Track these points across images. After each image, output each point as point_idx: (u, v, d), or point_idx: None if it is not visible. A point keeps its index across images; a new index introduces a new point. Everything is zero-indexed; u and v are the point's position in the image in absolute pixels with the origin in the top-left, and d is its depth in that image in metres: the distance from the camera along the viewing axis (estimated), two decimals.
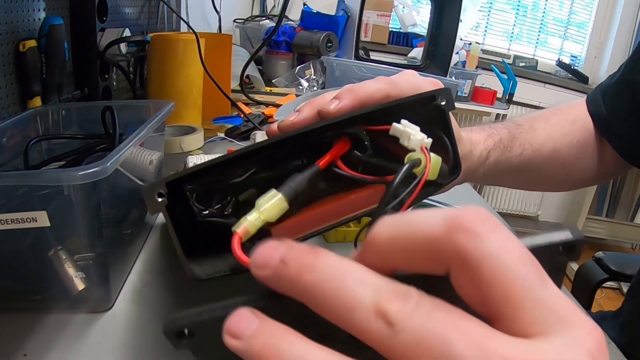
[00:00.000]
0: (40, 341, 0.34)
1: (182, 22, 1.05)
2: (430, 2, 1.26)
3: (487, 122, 0.51)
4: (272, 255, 0.17)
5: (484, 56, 2.59)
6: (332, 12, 1.40)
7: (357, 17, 1.23)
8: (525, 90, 2.63)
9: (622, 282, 2.14)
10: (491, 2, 2.78)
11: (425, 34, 1.35)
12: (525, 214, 2.88)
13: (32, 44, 0.60)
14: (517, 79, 2.38)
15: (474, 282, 0.15)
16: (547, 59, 2.84)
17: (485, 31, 2.83)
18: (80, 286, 0.35)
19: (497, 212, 0.64)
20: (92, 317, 0.37)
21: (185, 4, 1.22)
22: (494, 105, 2.35)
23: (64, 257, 0.35)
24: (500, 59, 2.61)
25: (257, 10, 1.85)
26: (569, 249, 0.19)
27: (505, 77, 2.36)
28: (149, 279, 0.43)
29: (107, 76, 0.80)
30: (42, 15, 0.64)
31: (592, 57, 2.82)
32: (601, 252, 1.51)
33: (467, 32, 2.62)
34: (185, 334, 0.17)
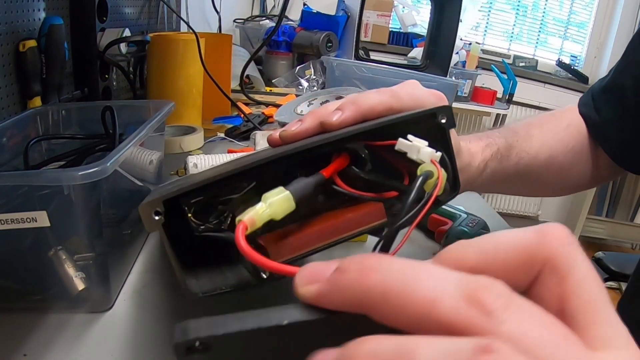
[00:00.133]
0: (40, 341, 0.34)
1: (182, 22, 1.05)
2: (430, 2, 1.26)
3: (485, 130, 0.51)
4: (322, 268, 0.16)
5: (484, 56, 2.59)
6: (332, 12, 1.40)
7: (357, 17, 1.23)
8: (525, 90, 2.63)
9: (622, 282, 2.15)
10: (491, 2, 2.78)
11: (425, 34, 1.35)
12: (525, 214, 2.89)
13: (32, 44, 0.60)
14: (517, 79, 2.38)
15: (559, 290, 0.15)
16: (547, 59, 2.84)
17: (485, 31, 2.83)
18: (80, 286, 0.35)
19: (497, 212, 0.64)
20: (92, 317, 0.37)
21: (185, 4, 1.22)
22: (494, 105, 2.35)
23: (64, 257, 0.35)
24: (500, 59, 2.61)
25: (257, 10, 1.85)
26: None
27: (505, 77, 2.36)
28: (149, 279, 0.43)
29: (107, 76, 0.80)
30: (42, 15, 0.64)
31: (592, 57, 2.82)
32: (601, 252, 1.51)
33: (467, 32, 2.62)
34: (196, 347, 0.14)
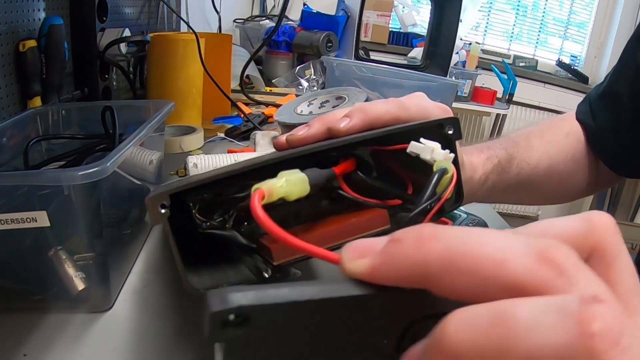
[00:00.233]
0: (40, 341, 0.34)
1: (182, 22, 1.05)
2: (430, 2, 1.26)
3: (484, 132, 0.51)
4: (371, 242, 0.16)
5: (484, 56, 2.59)
6: (332, 12, 1.40)
7: (357, 17, 1.23)
8: (525, 90, 2.63)
9: None
10: (491, 2, 2.78)
11: (425, 34, 1.35)
12: (525, 214, 2.89)
13: (32, 44, 0.60)
14: (517, 79, 2.38)
15: (604, 277, 0.15)
16: (547, 59, 2.84)
17: (485, 31, 2.84)
18: (80, 286, 0.35)
19: (497, 212, 0.64)
20: (92, 317, 0.37)
21: (185, 4, 1.22)
22: (494, 105, 2.35)
23: (64, 257, 0.35)
24: (500, 59, 2.61)
25: (257, 10, 1.85)
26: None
27: (505, 77, 2.37)
28: (149, 279, 0.43)
29: (107, 76, 0.80)
30: (42, 15, 0.64)
31: (592, 57, 2.82)
32: None
33: (467, 32, 2.62)
34: (232, 320, 0.13)
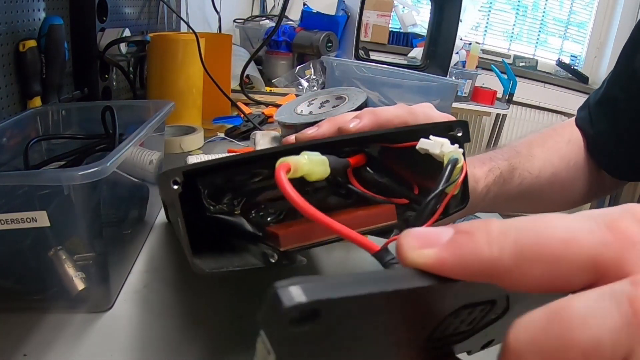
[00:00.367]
0: (40, 341, 0.34)
1: (182, 22, 1.05)
2: (430, 2, 1.26)
3: (487, 152, 0.51)
4: (435, 231, 0.15)
5: (484, 56, 2.59)
6: (332, 12, 1.40)
7: (357, 17, 1.23)
8: (525, 90, 2.63)
9: None
10: (491, 2, 2.78)
11: (425, 34, 1.35)
12: (525, 215, 2.89)
13: (32, 44, 0.60)
14: (517, 79, 2.38)
15: None
16: (547, 59, 2.84)
17: (485, 31, 2.84)
18: (80, 286, 0.35)
19: (497, 213, 0.64)
20: (92, 317, 0.37)
21: (185, 4, 1.22)
22: (494, 105, 2.36)
23: (64, 257, 0.35)
24: (500, 59, 2.61)
25: (257, 10, 1.85)
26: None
27: (505, 77, 2.37)
28: (149, 279, 0.43)
29: (107, 76, 0.80)
30: (42, 15, 0.64)
31: (592, 57, 2.82)
32: None
33: (467, 32, 2.63)
34: (299, 315, 0.12)
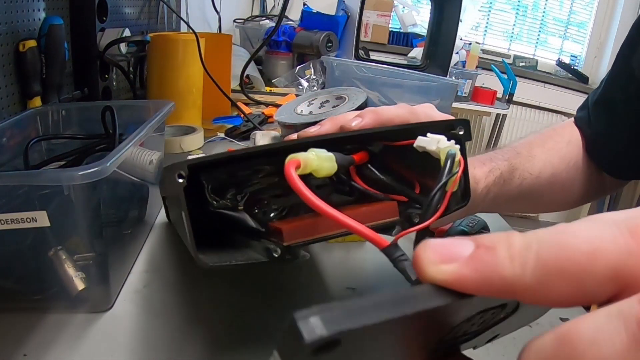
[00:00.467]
0: (40, 341, 0.34)
1: (182, 22, 1.05)
2: (430, 2, 1.26)
3: (487, 152, 0.51)
4: (455, 244, 0.15)
5: (484, 56, 2.59)
6: (332, 12, 1.40)
7: (357, 17, 1.23)
8: (525, 90, 2.63)
9: None
10: (491, 2, 2.78)
11: (425, 34, 1.35)
12: (525, 214, 2.89)
13: (32, 44, 0.60)
14: (517, 79, 2.38)
15: None
16: (547, 59, 2.84)
17: (485, 31, 2.84)
18: (80, 286, 0.35)
19: (497, 212, 0.64)
20: (92, 317, 0.37)
21: (185, 4, 1.22)
22: (494, 105, 2.35)
23: (64, 257, 0.35)
24: (500, 59, 2.61)
25: (257, 10, 1.85)
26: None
27: (505, 77, 2.37)
28: (149, 279, 0.43)
29: (107, 76, 0.80)
30: (42, 15, 0.64)
31: (592, 57, 2.82)
32: None
33: (467, 32, 2.62)
34: (321, 346, 0.12)
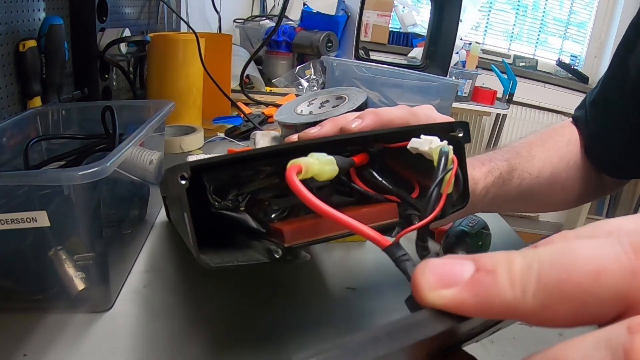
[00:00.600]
0: (40, 341, 0.34)
1: (182, 22, 1.05)
2: (430, 2, 1.26)
3: (487, 152, 0.51)
4: (454, 267, 0.14)
5: (484, 56, 2.59)
6: (332, 12, 1.40)
7: (357, 17, 1.23)
8: (525, 90, 2.63)
9: None
10: (491, 2, 2.78)
11: (425, 34, 1.35)
12: (525, 214, 2.89)
13: (32, 44, 0.60)
14: (517, 79, 2.38)
15: None
16: (547, 59, 2.84)
17: (485, 31, 2.83)
18: (80, 286, 0.35)
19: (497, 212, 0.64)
20: (92, 317, 0.37)
21: (185, 4, 1.22)
22: (494, 105, 2.35)
23: (64, 257, 0.35)
24: (500, 59, 2.61)
25: (257, 10, 1.85)
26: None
27: (505, 77, 2.36)
28: (149, 279, 0.43)
29: (107, 76, 0.80)
30: (42, 15, 0.64)
31: (592, 57, 2.82)
32: None
33: (467, 32, 2.62)
34: None
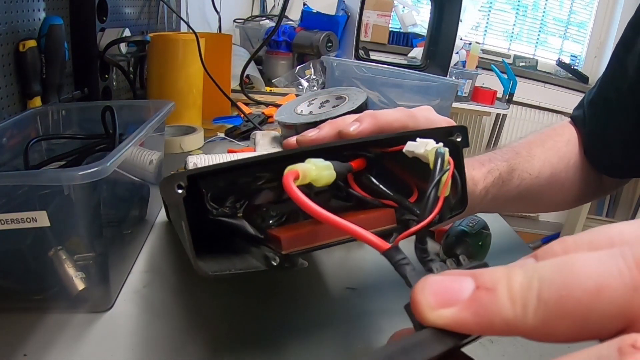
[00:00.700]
0: (40, 341, 0.34)
1: (182, 22, 1.05)
2: (430, 2, 1.26)
3: (486, 153, 0.51)
4: (453, 285, 0.14)
5: (484, 56, 2.59)
6: (332, 12, 1.40)
7: (357, 17, 1.23)
8: (525, 90, 2.63)
9: None
10: (491, 2, 2.78)
11: (425, 33, 1.35)
12: (525, 214, 2.89)
13: (32, 44, 0.60)
14: (517, 79, 2.38)
15: None
16: (547, 59, 2.84)
17: (485, 31, 2.83)
18: (80, 286, 0.35)
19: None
20: (92, 317, 0.37)
21: (185, 4, 1.22)
22: (494, 105, 2.35)
23: (64, 257, 0.35)
24: (500, 59, 2.61)
25: (257, 10, 1.85)
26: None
27: (505, 76, 2.36)
28: (149, 279, 0.43)
29: (107, 76, 0.80)
30: (42, 15, 0.64)
31: (592, 57, 2.82)
32: None
33: (467, 32, 2.62)
34: None
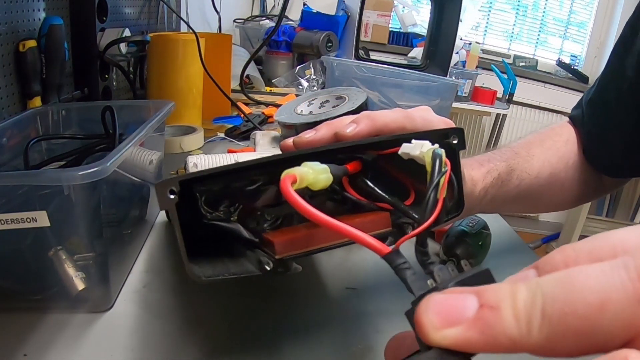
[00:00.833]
0: (40, 341, 0.34)
1: (182, 22, 1.05)
2: (430, 2, 1.26)
3: (485, 153, 0.50)
4: (457, 303, 0.14)
5: (484, 56, 2.59)
6: (332, 12, 1.40)
7: (357, 17, 1.23)
8: (525, 90, 2.63)
9: None
10: (491, 2, 2.78)
11: (425, 34, 1.35)
12: (525, 214, 2.89)
13: (32, 44, 0.60)
14: (517, 79, 2.38)
15: None
16: (547, 59, 2.84)
17: (485, 31, 2.83)
18: (80, 286, 0.35)
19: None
20: (92, 317, 0.37)
21: (185, 4, 1.22)
22: (494, 105, 2.35)
23: (64, 257, 0.35)
24: (500, 59, 2.61)
25: (257, 10, 1.85)
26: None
27: (505, 76, 2.36)
28: (149, 279, 0.43)
29: (107, 76, 0.80)
30: (42, 15, 0.64)
31: (592, 57, 2.82)
32: None
33: (467, 32, 2.62)
34: None
